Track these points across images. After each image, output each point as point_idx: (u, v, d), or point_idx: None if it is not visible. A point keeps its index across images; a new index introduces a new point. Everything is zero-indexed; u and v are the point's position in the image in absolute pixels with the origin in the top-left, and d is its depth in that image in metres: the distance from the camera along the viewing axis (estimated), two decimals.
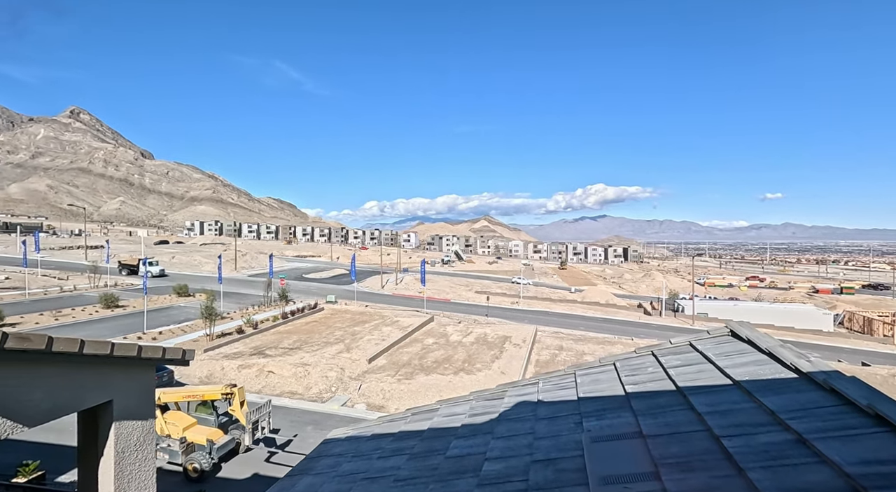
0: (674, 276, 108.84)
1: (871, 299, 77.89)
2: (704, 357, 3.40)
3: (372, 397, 21.67)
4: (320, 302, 44.74)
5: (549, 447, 2.79)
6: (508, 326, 39.47)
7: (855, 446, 1.92)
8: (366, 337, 31.77)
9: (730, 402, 2.65)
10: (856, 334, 49.77)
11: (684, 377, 3.17)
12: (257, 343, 28.98)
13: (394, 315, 40.47)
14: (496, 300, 58.30)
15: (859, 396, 2.23)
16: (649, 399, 3.03)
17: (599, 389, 3.50)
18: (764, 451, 2.10)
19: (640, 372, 3.57)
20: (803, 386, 2.57)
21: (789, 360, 2.85)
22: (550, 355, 30.36)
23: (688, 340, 3.88)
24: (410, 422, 4.13)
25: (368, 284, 67.06)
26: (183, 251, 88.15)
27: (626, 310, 59.96)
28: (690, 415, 2.66)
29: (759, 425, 2.33)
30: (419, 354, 28.70)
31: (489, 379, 23.86)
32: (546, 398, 3.65)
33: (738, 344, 3.48)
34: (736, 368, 3.04)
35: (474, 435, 3.37)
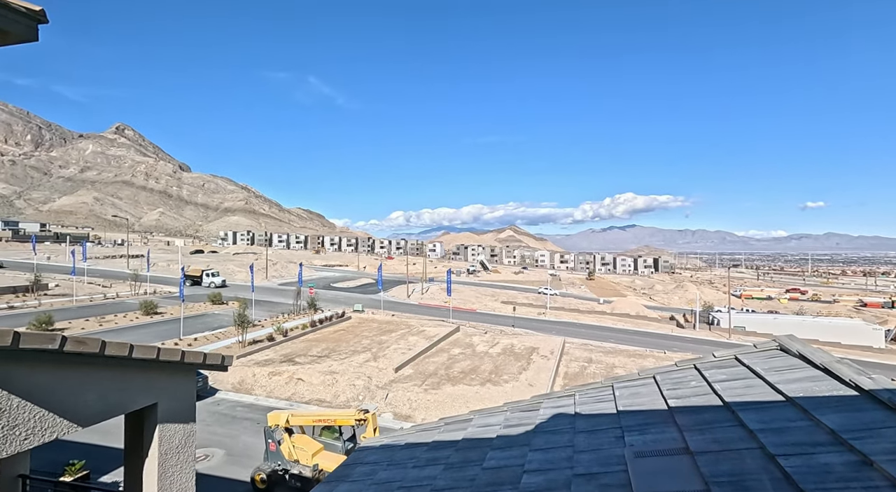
0: (708, 287, 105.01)
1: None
2: (752, 372, 3.26)
3: (399, 406, 21.68)
4: (348, 311, 45.33)
5: (590, 461, 2.72)
6: (535, 337, 38.90)
7: None
8: (392, 346, 31.92)
9: (784, 419, 2.52)
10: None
11: (731, 392, 3.04)
12: (287, 351, 29.54)
13: (420, 325, 40.55)
14: (522, 311, 57.62)
15: None
16: (694, 414, 2.92)
17: (640, 402, 3.40)
18: (826, 472, 1.98)
19: (683, 386, 3.45)
20: (865, 404, 2.42)
21: (848, 376, 2.70)
22: (579, 368, 29.69)
23: (732, 354, 3.73)
24: (444, 431, 4.11)
25: (395, 293, 67.52)
26: (217, 260, 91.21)
27: (658, 322, 58.14)
28: (741, 432, 2.54)
29: (819, 445, 2.20)
30: (445, 364, 28.60)
31: (517, 391, 23.51)
32: (584, 411, 3.57)
33: (788, 359, 3.32)
34: (788, 383, 2.89)
35: (510, 447, 3.32)
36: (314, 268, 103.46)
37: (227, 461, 15.52)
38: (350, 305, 49.58)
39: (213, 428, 18.04)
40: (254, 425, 18.62)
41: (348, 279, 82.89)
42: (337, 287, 71.51)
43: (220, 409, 20.43)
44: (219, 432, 17.73)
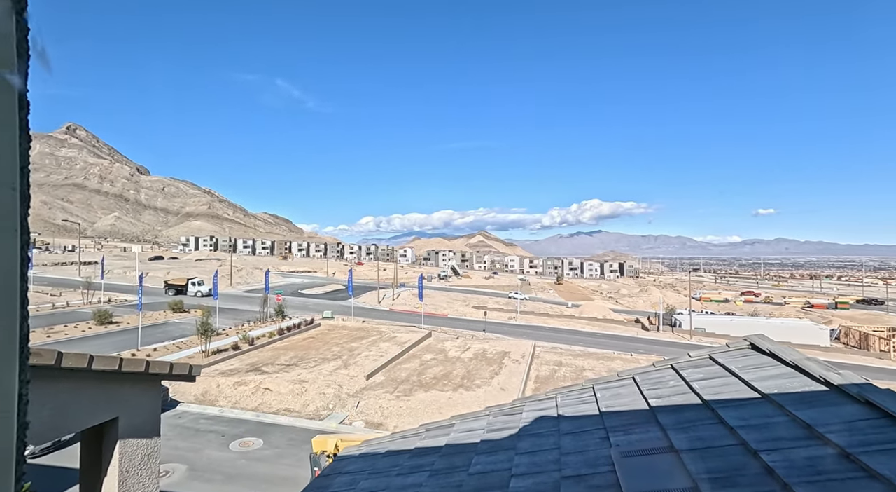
0: (670, 291, 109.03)
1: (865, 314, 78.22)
2: (727, 370, 3.36)
3: (370, 414, 21.32)
4: (317, 318, 44.36)
5: (577, 463, 2.73)
6: (507, 341, 39.21)
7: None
8: (363, 353, 31.43)
9: (762, 415, 2.61)
10: (852, 349, 49.81)
11: (709, 391, 3.13)
12: (254, 359, 28.58)
13: (391, 331, 40.14)
14: (493, 315, 58.03)
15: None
16: (676, 413, 2.98)
17: (622, 403, 3.44)
18: (807, 466, 2.05)
19: (662, 386, 3.52)
20: (837, 399, 2.53)
21: (818, 373, 2.83)
22: (550, 371, 30.10)
23: (707, 354, 3.85)
24: (426, 438, 4.04)
25: (365, 299, 66.66)
26: (178, 267, 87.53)
27: (624, 325, 59.81)
28: (722, 429, 2.61)
29: (797, 440, 2.28)
30: (418, 371, 28.38)
31: (489, 395, 23.58)
32: (567, 413, 3.59)
33: (760, 357, 3.45)
34: (763, 381, 3.00)
35: (496, 451, 3.29)
36: (281, 274, 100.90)
37: (190, 477, 14.81)
38: (319, 311, 48.55)
39: (175, 442, 17.19)
40: (218, 438, 17.86)
41: (317, 286, 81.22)
42: (305, 294, 69.93)
43: (182, 422, 19.50)
44: (181, 447, 16.90)
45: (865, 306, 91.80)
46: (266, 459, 16.42)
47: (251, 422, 19.99)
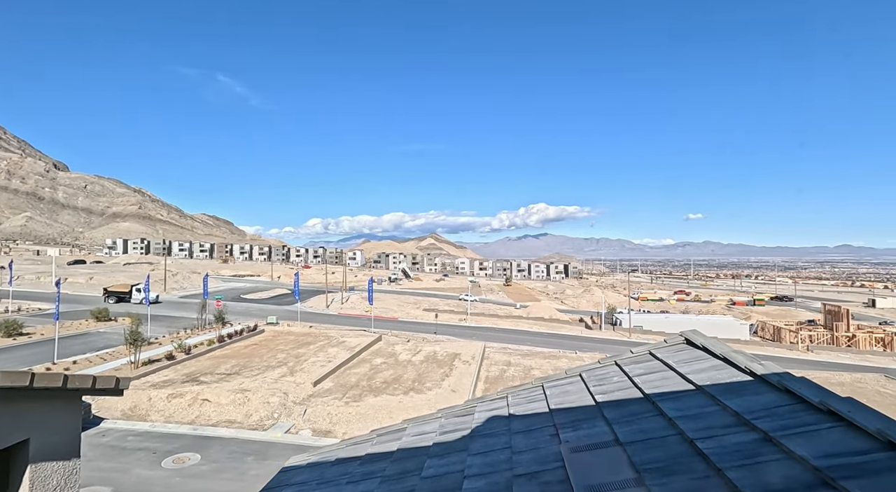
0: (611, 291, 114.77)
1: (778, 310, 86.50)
2: (666, 365, 3.56)
3: (318, 422, 20.65)
4: (261, 324, 42.42)
5: (529, 461, 2.77)
6: (457, 343, 39.49)
7: (817, 442, 2.07)
8: (311, 359, 30.42)
9: (696, 406, 2.78)
10: (767, 342, 54.86)
11: (650, 385, 3.30)
12: (190, 369, 26.81)
13: (340, 335, 39.18)
14: (444, 318, 58.27)
15: (812, 394, 2.43)
16: (620, 408, 3.11)
17: (570, 400, 3.55)
18: (737, 451, 2.20)
19: (607, 382, 3.67)
20: (760, 388, 2.75)
21: (743, 364, 3.06)
22: (499, 371, 30.64)
23: (647, 350, 4.06)
24: (377, 443, 3.95)
25: (312, 303, 64.65)
26: (103, 272, 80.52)
27: (569, 324, 62.18)
28: (662, 421, 2.75)
29: (727, 427, 2.45)
30: (368, 375, 27.88)
31: (440, 398, 23.60)
32: (518, 412, 3.64)
33: (694, 351, 3.69)
34: (696, 373, 3.21)
35: (448, 453, 3.28)
36: (222, 278, 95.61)
37: None
38: (263, 317, 46.44)
39: (98, 463, 15.72)
40: (149, 456, 16.55)
41: (261, 290, 77.72)
42: (248, 299, 66.68)
43: (107, 440, 17.88)
44: (105, 467, 15.48)
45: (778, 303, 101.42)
46: (203, 475, 15.42)
47: (187, 436, 18.70)
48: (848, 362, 42.13)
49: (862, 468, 1.79)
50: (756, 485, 1.91)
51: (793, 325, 59.32)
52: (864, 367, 38.81)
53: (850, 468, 1.83)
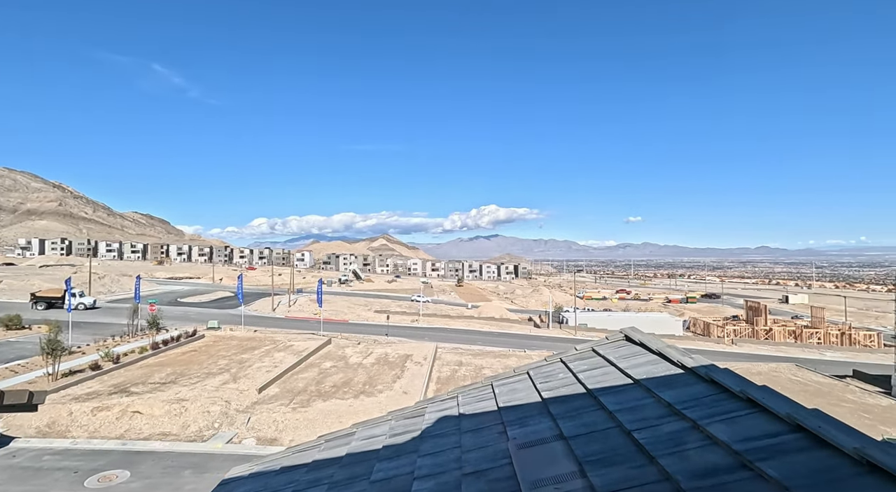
0: (558, 290, 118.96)
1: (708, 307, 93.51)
2: (607, 361, 3.75)
3: (263, 429, 19.79)
4: (200, 329, 40.06)
5: (477, 459, 2.81)
6: (409, 344, 39.33)
7: (737, 427, 2.26)
8: (255, 365, 29.13)
9: (634, 399, 2.95)
10: (698, 336, 59.15)
11: (592, 380, 3.45)
12: (119, 380, 24.82)
13: (287, 339, 37.82)
14: (396, 319, 57.85)
15: (733, 384, 2.64)
16: (565, 403, 3.23)
17: (518, 397, 3.64)
18: (669, 439, 2.36)
19: (553, 379, 3.80)
20: (690, 380, 2.96)
21: (676, 358, 3.28)
22: (451, 371, 30.84)
23: (590, 347, 4.25)
24: (325, 449, 3.85)
25: (257, 307, 61.95)
26: (15, 275, 72.76)
27: (519, 323, 63.75)
28: (603, 414, 2.89)
29: (661, 417, 2.62)
30: (316, 380, 27.10)
31: (391, 400, 23.39)
32: (468, 411, 3.69)
33: (632, 347, 3.90)
34: (634, 368, 3.40)
35: (398, 456, 3.26)
36: (157, 281, 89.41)
37: None
38: (203, 322, 43.89)
39: (8, 487, 14.15)
40: (69, 476, 15.13)
41: (201, 293, 73.44)
42: (186, 303, 62.80)
43: (18, 461, 16.14)
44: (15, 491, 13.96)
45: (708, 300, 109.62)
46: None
47: (115, 452, 17.28)
48: (766, 353, 46.28)
49: (774, 450, 1.98)
50: (685, 470, 2.05)
51: (720, 320, 64.34)
52: (779, 357, 42.76)
53: (764, 450, 2.01)
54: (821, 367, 35.77)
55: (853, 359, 43.42)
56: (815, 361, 41.22)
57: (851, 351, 50.25)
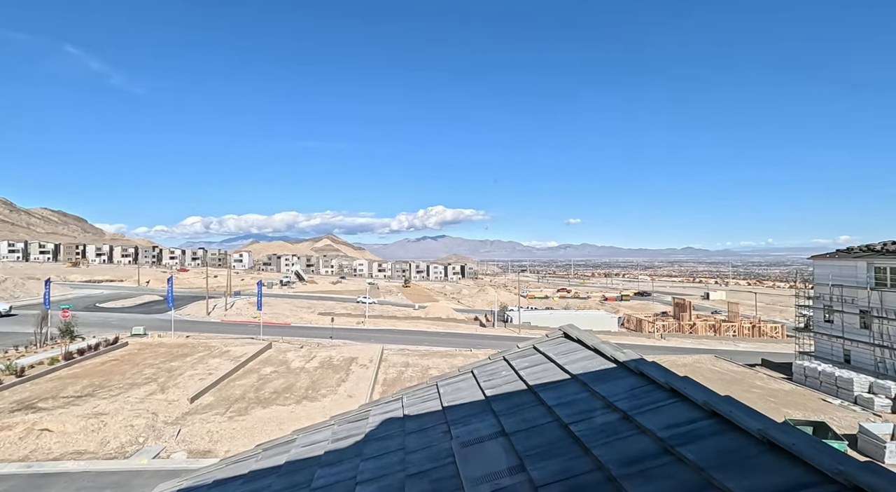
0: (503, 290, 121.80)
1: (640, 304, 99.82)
2: (546, 357, 3.89)
3: (195, 441, 18.58)
4: (123, 336, 36.89)
5: (421, 460, 2.82)
6: (355, 346, 38.58)
7: (662, 416, 2.44)
8: (187, 373, 27.29)
9: (571, 393, 3.09)
10: (632, 332, 63.00)
11: (533, 377, 3.57)
12: (25, 395, 22.27)
13: (224, 345, 35.77)
14: (341, 321, 56.55)
15: (659, 376, 2.84)
16: (507, 400, 3.32)
17: (462, 396, 3.69)
18: (602, 431, 2.49)
19: (496, 376, 3.89)
20: (622, 374, 3.15)
21: (610, 353, 3.47)
22: (397, 373, 30.64)
23: (532, 344, 4.39)
24: (263, 459, 3.69)
25: (190, 311, 58.07)
26: None
27: (465, 323, 64.56)
28: (542, 409, 3.00)
29: (595, 410, 2.76)
30: (255, 386, 25.86)
31: (336, 404, 22.83)
32: (412, 412, 3.68)
33: (570, 344, 4.09)
34: (572, 364, 3.56)
35: (341, 461, 3.19)
36: (71, 285, 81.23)
37: None
38: (127, 328, 40.44)
39: None
40: None
41: (124, 297, 67.62)
42: (107, 308, 57.57)
43: None
44: None
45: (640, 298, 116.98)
46: None
47: (18, 476, 15.47)
48: (690, 346, 50.20)
49: (692, 435, 2.15)
50: (616, 459, 2.18)
51: (650, 317, 68.93)
52: (701, 349, 46.55)
53: (684, 436, 2.18)
54: (736, 357, 39.43)
55: (762, 349, 48.20)
56: (731, 351, 45.31)
57: (761, 342, 55.77)
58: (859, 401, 25.73)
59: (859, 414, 24.04)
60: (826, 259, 33.85)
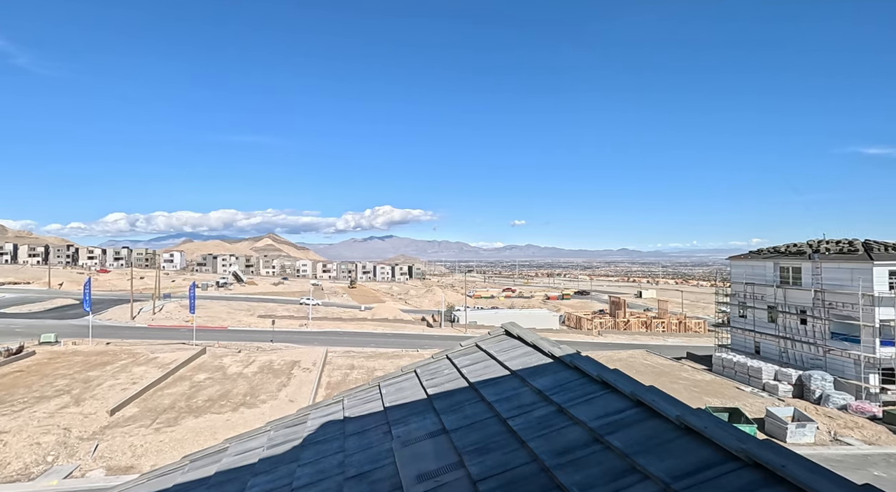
0: (451, 290, 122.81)
1: (580, 302, 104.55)
2: (488, 355, 3.97)
3: (116, 457, 17.09)
4: (30, 344, 33.17)
5: (361, 461, 2.77)
6: (297, 350, 37.25)
7: (594, 407, 2.56)
8: (107, 383, 25.05)
9: (511, 389, 3.17)
10: (572, 329, 65.86)
11: (475, 374, 3.63)
12: None
13: (150, 351, 33.20)
14: (283, 324, 54.39)
15: (592, 370, 2.99)
16: (449, 398, 3.35)
17: (404, 396, 3.67)
18: (538, 424, 2.58)
19: (439, 375, 3.91)
20: (558, 368, 3.28)
21: (547, 349, 3.60)
22: (342, 376, 29.96)
23: (474, 342, 4.46)
24: (190, 471, 3.46)
25: (112, 315, 53.37)
26: None
27: (412, 324, 64.38)
28: (483, 406, 3.05)
29: (533, 404, 2.86)
30: (187, 394, 24.23)
31: (276, 410, 21.91)
32: (353, 414, 3.61)
33: (511, 341, 4.19)
34: (512, 360, 3.65)
35: (276, 467, 3.06)
36: None
37: None
38: (34, 336, 36.41)
39: None
40: None
41: (32, 301, 60.85)
42: (9, 313, 51.53)
43: None
44: None
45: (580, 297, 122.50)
46: None
47: None
48: (625, 342, 53.31)
49: (619, 424, 2.28)
50: (549, 450, 2.26)
51: (589, 314, 72.42)
52: (635, 345, 49.59)
53: (612, 425, 2.31)
54: (665, 351, 42.39)
55: (687, 343, 52.17)
56: (661, 346, 48.65)
57: (686, 337, 60.35)
58: (767, 388, 28.59)
59: (767, 400, 26.71)
60: (741, 260, 37.30)
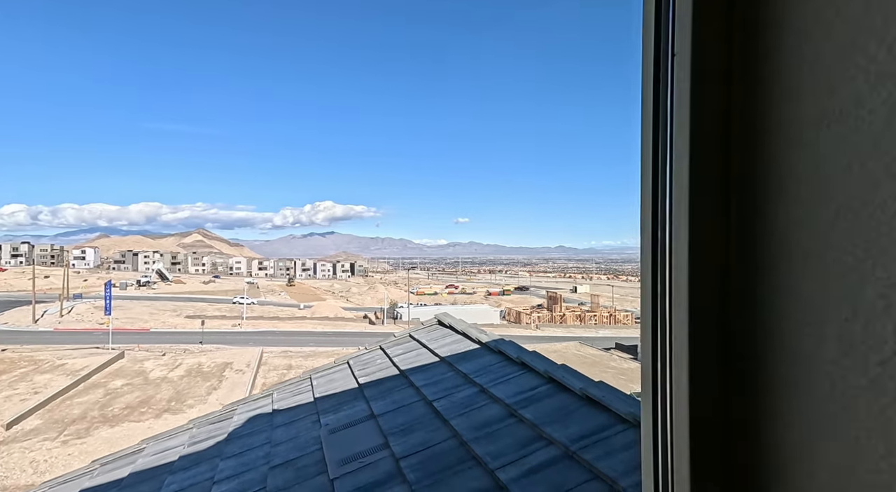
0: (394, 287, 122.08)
1: (520, 298, 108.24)
2: (420, 344, 4.08)
3: (13, 475, 15.36)
4: None
5: (287, 450, 2.77)
6: (229, 351, 35.36)
7: (512, 386, 2.75)
8: (2, 394, 22.36)
9: (439, 374, 3.30)
10: (512, 324, 68.05)
11: (406, 362, 3.72)
12: None
13: (56, 358, 30.02)
14: (214, 324, 51.33)
15: (513, 353, 3.19)
16: (379, 386, 3.41)
17: (335, 386, 3.68)
18: (461, 404, 2.72)
19: (371, 365, 3.96)
20: (484, 353, 3.45)
21: (475, 336, 3.77)
22: (278, 376, 28.88)
23: (408, 333, 4.55)
24: (100, 474, 3.25)
25: (8, 318, 47.56)
26: None
27: (354, 322, 63.32)
28: (411, 391, 3.16)
29: (457, 386, 3.00)
30: (101, 403, 22.23)
31: None
32: (282, 406, 3.57)
33: (443, 330, 4.33)
34: (442, 347, 3.78)
35: (197, 464, 2.97)
36: None
37: None
38: None
39: None
40: None
41: None
42: None
43: None
44: None
45: (520, 292, 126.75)
46: None
47: None
48: (561, 335, 55.92)
49: (532, 399, 2.48)
50: (469, 426, 2.40)
51: (528, 309, 75.19)
52: (569, 337, 52.18)
53: (526, 400, 2.50)
54: (596, 342, 45.04)
55: (617, 334, 55.77)
56: (593, 338, 51.61)
57: (616, 328, 64.50)
58: None
59: None
60: None
